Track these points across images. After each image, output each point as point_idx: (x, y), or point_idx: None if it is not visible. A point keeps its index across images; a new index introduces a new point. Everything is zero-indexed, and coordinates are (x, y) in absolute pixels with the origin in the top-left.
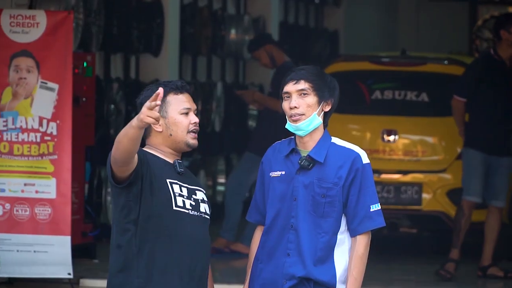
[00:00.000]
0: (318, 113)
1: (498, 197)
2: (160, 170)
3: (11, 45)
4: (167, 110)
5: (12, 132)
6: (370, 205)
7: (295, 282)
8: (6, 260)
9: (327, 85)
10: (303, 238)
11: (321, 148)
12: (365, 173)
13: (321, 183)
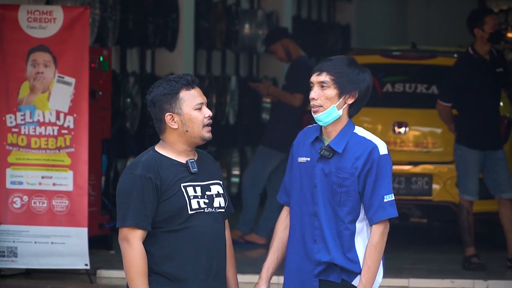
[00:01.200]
0: (339, 106)
1: (505, 190)
2: (173, 176)
3: (28, 40)
4: (181, 107)
5: (29, 126)
6: (384, 195)
7: (324, 267)
8: (24, 252)
9: (352, 77)
10: (324, 225)
11: (342, 138)
12: (381, 164)
13: (338, 173)
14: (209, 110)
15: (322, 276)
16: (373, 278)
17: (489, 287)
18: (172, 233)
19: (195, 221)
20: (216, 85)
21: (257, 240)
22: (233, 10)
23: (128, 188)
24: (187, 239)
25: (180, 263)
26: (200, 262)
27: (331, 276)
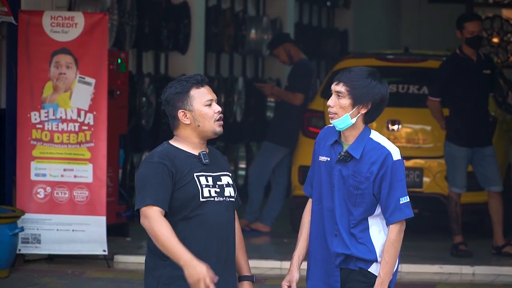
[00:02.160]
0: (352, 115)
1: (494, 183)
2: (187, 166)
3: (52, 43)
4: (192, 104)
5: (52, 122)
6: (400, 197)
7: (343, 258)
8: (46, 238)
9: (367, 90)
10: (339, 222)
11: (359, 144)
12: (395, 169)
13: (355, 176)
14: (218, 106)
15: (342, 265)
16: (390, 272)
17: (475, 272)
18: (185, 220)
19: (206, 208)
20: (225, 85)
21: (261, 228)
22: (241, 17)
23: (145, 175)
24: (199, 225)
25: (193, 248)
26: (211, 247)
27: (350, 264)
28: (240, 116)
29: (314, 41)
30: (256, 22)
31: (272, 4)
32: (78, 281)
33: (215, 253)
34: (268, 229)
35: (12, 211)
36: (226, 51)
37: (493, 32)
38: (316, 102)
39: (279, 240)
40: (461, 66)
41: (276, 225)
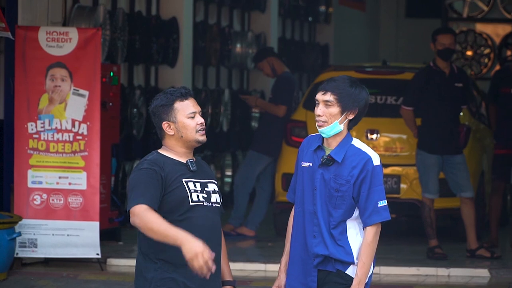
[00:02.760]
0: (341, 121)
1: (465, 189)
2: (176, 172)
3: (47, 58)
4: (176, 116)
5: (48, 133)
6: (378, 201)
7: (321, 259)
8: (43, 243)
9: (352, 96)
10: (321, 223)
11: (341, 149)
12: (375, 174)
13: (336, 179)
14: (201, 118)
15: (320, 266)
16: (367, 272)
17: (450, 274)
18: (176, 223)
19: (195, 212)
20: (212, 97)
21: (246, 233)
22: (226, 32)
23: (135, 180)
24: (188, 228)
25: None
26: None
27: (328, 266)
28: (226, 126)
29: (297, 55)
30: (241, 37)
31: (257, 19)
32: (73, 283)
33: None
34: (253, 233)
35: (10, 217)
36: (213, 65)
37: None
38: (298, 112)
39: (263, 244)
40: (433, 78)
41: (261, 230)
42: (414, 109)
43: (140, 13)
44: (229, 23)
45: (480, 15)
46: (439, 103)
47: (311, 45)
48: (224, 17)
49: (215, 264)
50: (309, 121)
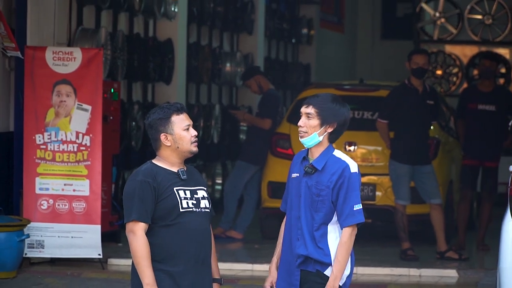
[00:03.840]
0: (320, 133)
1: (433, 197)
2: (168, 181)
3: (53, 75)
4: (173, 128)
5: (54, 143)
6: (354, 205)
7: (302, 259)
8: (49, 244)
9: (333, 111)
10: (303, 227)
11: (322, 159)
12: (352, 180)
13: (317, 185)
14: (194, 130)
15: (302, 266)
16: (342, 269)
17: (421, 274)
18: (166, 227)
19: (185, 218)
20: (204, 111)
21: (235, 236)
22: (217, 52)
23: (131, 191)
24: (179, 232)
25: (173, 251)
26: (190, 251)
27: (309, 267)
28: (217, 138)
29: (281, 73)
30: (230, 57)
31: (245, 41)
32: (76, 281)
33: (193, 256)
34: (241, 236)
35: (19, 220)
36: (205, 82)
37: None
38: (283, 126)
39: (250, 246)
40: (407, 95)
41: (248, 233)
42: (388, 123)
43: (139, 34)
44: (219, 44)
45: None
46: (411, 118)
47: (294, 64)
48: (215, 38)
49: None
50: (293, 134)
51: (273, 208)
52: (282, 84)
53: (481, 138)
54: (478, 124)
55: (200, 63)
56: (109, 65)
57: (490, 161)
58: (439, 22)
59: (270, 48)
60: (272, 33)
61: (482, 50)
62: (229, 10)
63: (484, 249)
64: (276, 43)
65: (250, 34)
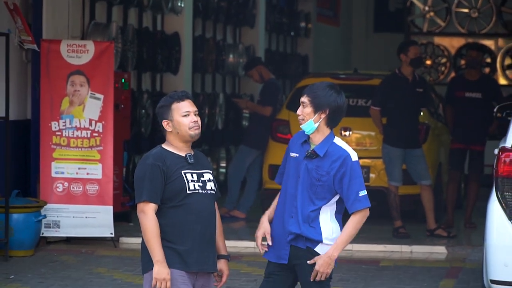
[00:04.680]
0: (315, 120)
1: (424, 178)
2: (176, 165)
3: (68, 66)
4: (172, 115)
5: (69, 130)
6: (358, 191)
7: (293, 236)
8: (64, 224)
9: (324, 98)
10: (299, 206)
11: (324, 145)
12: (354, 168)
13: (318, 170)
14: (195, 116)
15: (292, 242)
16: (345, 243)
17: (412, 250)
18: (174, 208)
19: (191, 199)
20: (208, 100)
21: (238, 215)
22: (221, 44)
23: (142, 174)
24: (185, 212)
25: (181, 230)
26: (196, 229)
27: (299, 243)
28: (221, 125)
29: (281, 64)
30: (233, 48)
31: (246, 34)
32: (90, 258)
33: (199, 234)
34: (244, 216)
35: (37, 202)
36: (210, 72)
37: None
38: (282, 113)
39: (253, 224)
40: (398, 84)
41: (251, 212)
42: (380, 110)
43: (147, 28)
44: (223, 37)
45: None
46: (402, 105)
47: (293, 55)
48: (219, 32)
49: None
50: (292, 120)
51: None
52: (281, 74)
53: (468, 123)
54: (465, 110)
55: (205, 54)
56: (120, 57)
57: (476, 145)
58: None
59: (270, 41)
60: (272, 27)
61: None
62: (232, 5)
63: (471, 227)
64: (276, 36)
65: (251, 27)
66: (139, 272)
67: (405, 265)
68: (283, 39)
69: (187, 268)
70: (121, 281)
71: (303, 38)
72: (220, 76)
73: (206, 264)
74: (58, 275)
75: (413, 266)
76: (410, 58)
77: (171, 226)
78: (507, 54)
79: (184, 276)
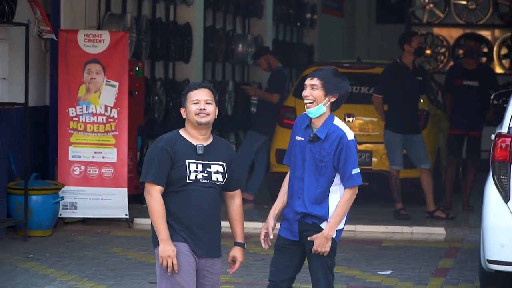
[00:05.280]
0: (325, 104)
1: (423, 162)
2: (184, 153)
3: (85, 55)
4: (186, 103)
5: (86, 116)
6: (352, 169)
7: (301, 216)
8: (81, 205)
9: (334, 83)
10: (306, 187)
11: (324, 128)
12: (349, 147)
13: (320, 152)
14: (204, 104)
15: (301, 219)
16: (338, 223)
17: (413, 231)
18: (173, 193)
19: (190, 187)
20: (218, 87)
21: (247, 197)
22: (230, 35)
23: (152, 156)
24: (182, 198)
25: (177, 214)
26: (191, 217)
27: (307, 219)
28: (230, 111)
29: (287, 53)
30: (242, 38)
31: (255, 24)
32: (106, 238)
33: (194, 222)
34: (252, 198)
35: (55, 184)
36: (220, 61)
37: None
38: (289, 100)
39: (260, 206)
40: (399, 72)
41: (258, 195)
42: (383, 97)
43: (160, 19)
44: (232, 27)
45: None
46: (403, 92)
47: (299, 45)
48: (228, 22)
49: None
50: (298, 107)
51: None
52: (288, 63)
53: (466, 110)
54: (463, 98)
55: (215, 44)
56: (134, 46)
57: (474, 131)
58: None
59: (277, 31)
60: (280, 18)
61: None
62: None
63: (468, 209)
64: (283, 27)
65: (259, 18)
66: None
67: (405, 245)
68: (290, 30)
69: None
70: (135, 260)
71: (308, 28)
72: (229, 65)
73: (200, 250)
74: (75, 254)
75: (414, 246)
76: (414, 48)
77: (171, 208)
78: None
79: (188, 248)
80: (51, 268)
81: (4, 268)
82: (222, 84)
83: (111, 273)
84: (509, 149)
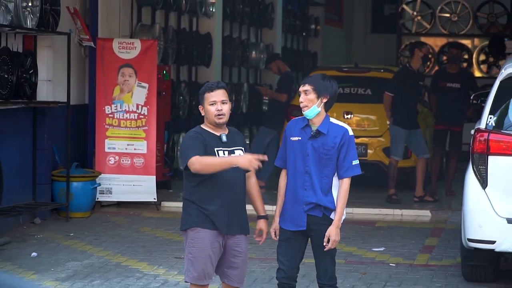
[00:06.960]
0: (318, 105)
1: (423, 152)
2: (211, 142)
3: (119, 60)
4: (204, 102)
5: (120, 113)
6: (352, 160)
7: (311, 206)
8: (116, 190)
9: (324, 86)
10: (314, 179)
11: (325, 125)
12: (350, 141)
13: (324, 146)
14: (221, 105)
15: (310, 212)
16: (343, 211)
17: (403, 214)
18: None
19: (220, 172)
20: (235, 88)
21: (259, 184)
22: (245, 43)
23: (186, 143)
24: (214, 181)
25: (209, 195)
26: (221, 196)
27: (316, 211)
28: (245, 109)
29: (294, 59)
30: (255, 46)
31: (266, 34)
32: (137, 219)
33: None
34: (264, 184)
35: (92, 172)
36: (236, 66)
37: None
38: (296, 99)
39: (270, 192)
40: (408, 75)
41: (269, 182)
42: (393, 96)
43: (185, 29)
44: (247, 36)
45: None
46: (409, 93)
47: (304, 52)
48: (243, 32)
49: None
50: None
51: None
52: (295, 68)
53: (449, 108)
54: (447, 98)
55: (232, 51)
56: (162, 52)
57: (456, 127)
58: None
59: (286, 40)
60: (288, 28)
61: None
62: (254, 10)
63: (451, 195)
64: (291, 36)
65: (270, 28)
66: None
67: (396, 226)
68: (297, 39)
69: (215, 228)
70: (162, 238)
71: (313, 37)
72: (244, 69)
73: (230, 227)
74: (110, 233)
75: (403, 227)
76: (424, 53)
77: (201, 190)
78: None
79: (214, 235)
80: (89, 245)
81: (48, 245)
82: (238, 86)
83: (141, 249)
84: (487, 142)
